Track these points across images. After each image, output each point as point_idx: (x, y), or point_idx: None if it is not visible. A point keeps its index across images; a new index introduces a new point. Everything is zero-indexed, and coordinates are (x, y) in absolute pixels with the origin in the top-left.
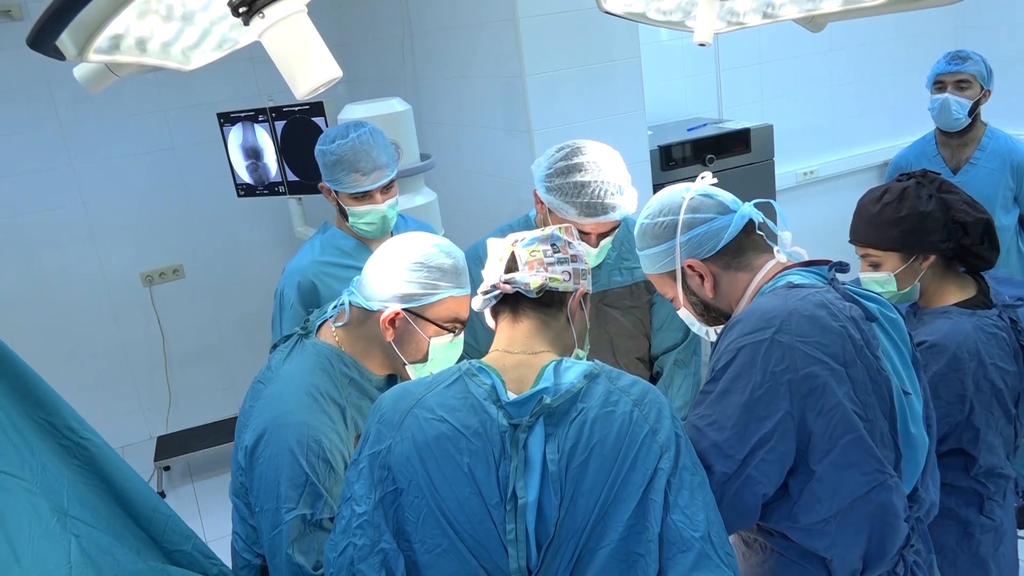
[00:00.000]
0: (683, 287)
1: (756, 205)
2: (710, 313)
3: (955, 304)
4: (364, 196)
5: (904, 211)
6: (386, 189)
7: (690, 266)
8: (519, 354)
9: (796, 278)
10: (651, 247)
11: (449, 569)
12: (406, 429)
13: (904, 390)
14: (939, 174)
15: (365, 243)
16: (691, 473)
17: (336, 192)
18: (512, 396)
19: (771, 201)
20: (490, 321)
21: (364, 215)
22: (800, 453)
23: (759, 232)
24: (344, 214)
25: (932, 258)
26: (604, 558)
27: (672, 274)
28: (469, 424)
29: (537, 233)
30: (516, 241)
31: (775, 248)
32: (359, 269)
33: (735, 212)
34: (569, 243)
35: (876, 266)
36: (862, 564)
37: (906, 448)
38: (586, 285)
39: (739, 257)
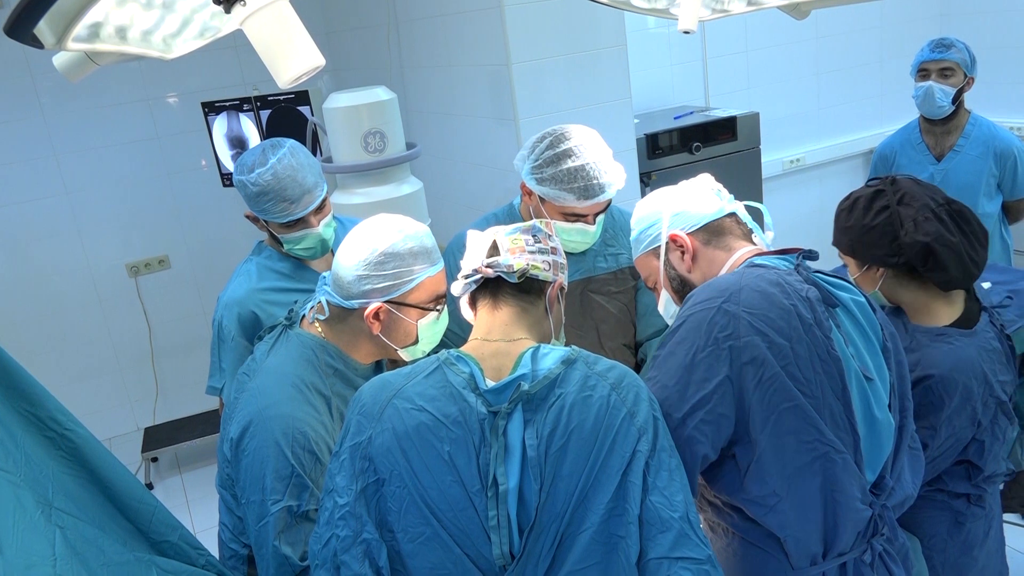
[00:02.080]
0: (664, 262)
1: (746, 208)
2: (684, 289)
3: (951, 325)
4: (297, 222)
5: (851, 222)
6: (319, 209)
7: (674, 239)
8: (497, 342)
9: (760, 260)
10: (642, 225)
11: (432, 558)
12: (386, 420)
13: (866, 375)
14: (913, 179)
15: (304, 262)
16: (669, 455)
17: (266, 221)
18: (490, 384)
19: (759, 206)
20: (467, 313)
21: (299, 241)
22: (741, 422)
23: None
24: (277, 239)
25: (881, 270)
26: (586, 541)
27: (656, 252)
28: (449, 412)
29: (519, 225)
30: (498, 232)
31: (754, 235)
32: (301, 291)
33: (724, 201)
34: (549, 236)
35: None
36: (822, 547)
37: (870, 433)
38: (563, 279)
39: (720, 236)
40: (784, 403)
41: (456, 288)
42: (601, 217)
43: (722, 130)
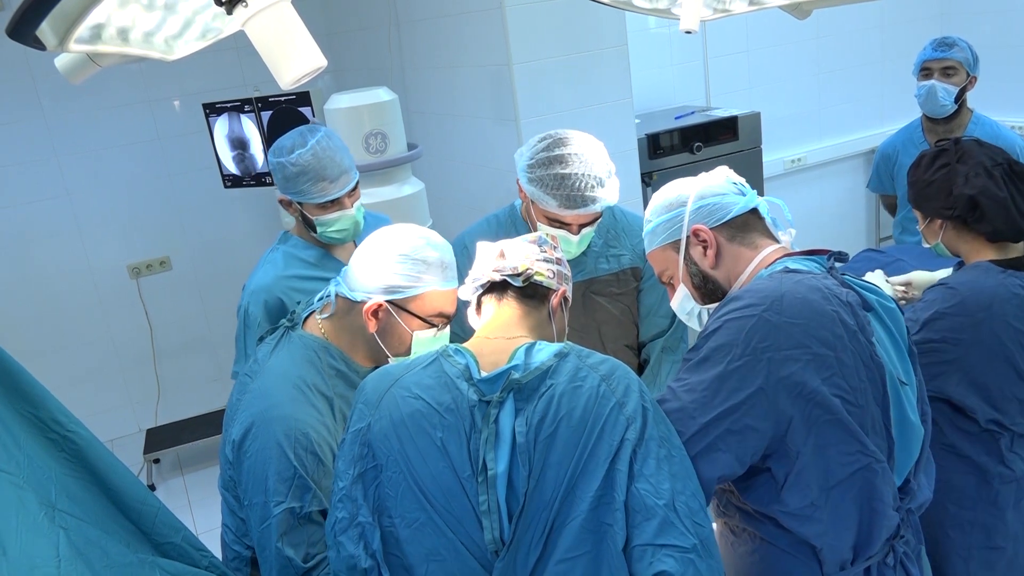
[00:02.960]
0: (685, 257)
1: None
2: (707, 286)
3: (992, 260)
4: (332, 203)
5: (914, 176)
6: (351, 191)
7: (696, 233)
8: (497, 339)
9: (794, 263)
10: (661, 216)
11: (427, 543)
12: (384, 408)
13: (900, 379)
14: (976, 140)
15: (329, 251)
16: (658, 445)
17: (300, 203)
18: (484, 374)
19: (778, 201)
20: (474, 320)
21: (334, 223)
22: (777, 437)
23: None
24: (309, 224)
25: (940, 222)
26: (575, 530)
27: (675, 245)
28: (442, 400)
29: (525, 236)
30: (505, 243)
31: (779, 232)
32: (326, 280)
33: (746, 195)
34: (554, 247)
35: None
36: (852, 554)
37: (901, 437)
38: (568, 289)
39: (745, 233)
40: (825, 416)
41: (464, 292)
42: (588, 230)
43: (723, 130)
